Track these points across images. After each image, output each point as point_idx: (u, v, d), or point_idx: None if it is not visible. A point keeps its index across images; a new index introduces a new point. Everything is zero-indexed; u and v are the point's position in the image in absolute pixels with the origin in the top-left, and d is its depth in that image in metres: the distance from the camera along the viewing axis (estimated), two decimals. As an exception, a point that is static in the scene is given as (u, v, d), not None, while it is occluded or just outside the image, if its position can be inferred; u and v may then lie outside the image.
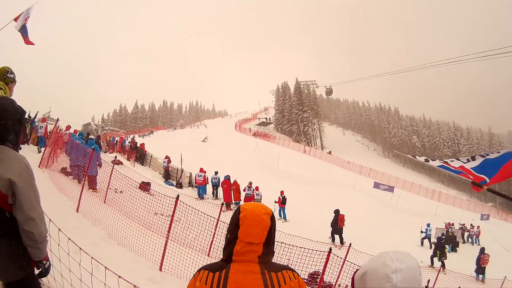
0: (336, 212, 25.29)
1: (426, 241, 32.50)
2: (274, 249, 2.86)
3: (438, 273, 18.52)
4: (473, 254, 27.24)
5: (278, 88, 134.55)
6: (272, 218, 2.75)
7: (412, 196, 68.23)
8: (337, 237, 24.91)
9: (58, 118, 19.07)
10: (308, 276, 13.23)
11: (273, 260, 2.80)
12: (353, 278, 2.41)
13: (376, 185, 64.13)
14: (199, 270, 2.74)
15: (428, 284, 13.59)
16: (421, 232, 32.99)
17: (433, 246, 28.18)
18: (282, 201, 28.75)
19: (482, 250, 25.47)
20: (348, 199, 42.70)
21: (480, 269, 24.21)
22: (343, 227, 24.96)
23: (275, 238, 2.86)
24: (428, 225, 33.22)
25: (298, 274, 2.78)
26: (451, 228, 38.53)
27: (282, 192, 29.37)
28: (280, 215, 28.44)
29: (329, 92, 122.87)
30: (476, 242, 40.08)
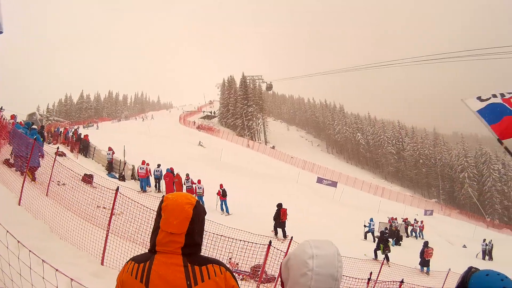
0: (279, 206, 25.14)
1: (369, 235, 32.78)
2: (202, 242, 2.80)
3: (382, 266, 18.58)
4: (417, 247, 27.60)
5: (224, 82, 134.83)
6: (196, 208, 2.66)
7: (356, 192, 69.31)
8: (280, 230, 24.78)
9: (1, 107, 18.32)
10: (250, 270, 13.39)
11: (211, 253, 2.43)
12: (281, 266, 2.45)
13: (320, 180, 63.72)
14: (127, 261, 2.71)
15: (370, 276, 12.92)
16: (364, 226, 33.24)
17: (376, 239, 28.34)
18: (223, 194, 28.54)
19: (426, 244, 25.85)
20: (291, 194, 43.23)
21: (425, 262, 24.53)
22: (286, 220, 24.79)
23: (204, 229, 2.86)
24: (371, 219, 33.49)
25: (227, 268, 2.75)
26: (394, 222, 39.39)
27: (221, 185, 29.12)
28: (222, 208, 28.32)
29: (269, 87, 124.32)
30: (420, 236, 41.25)
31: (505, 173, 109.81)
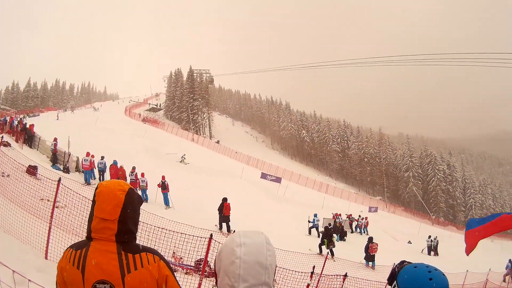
0: (224, 200, 25.02)
1: (314, 230, 33.03)
2: (136, 230, 2.77)
3: (325, 260, 18.37)
4: (361, 243, 28.28)
5: (171, 74, 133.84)
6: (129, 195, 2.64)
7: (300, 188, 69.72)
8: (224, 225, 24.71)
9: None
10: (194, 264, 13.31)
11: (154, 247, 2.69)
12: (215, 258, 2.43)
13: (264, 176, 64.13)
14: (67, 248, 2.70)
15: (313, 269, 13.58)
16: (309, 222, 33.58)
17: (321, 235, 28.16)
18: (163, 186, 28.09)
19: (371, 239, 26.25)
20: (236, 188, 43.21)
21: (369, 257, 24.94)
22: (229, 215, 24.73)
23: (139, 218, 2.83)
24: (315, 215, 34.08)
25: (161, 257, 2.70)
26: (339, 218, 39.32)
27: (163, 177, 28.68)
28: (165, 202, 27.82)
29: (210, 81, 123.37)
30: (364, 232, 41.94)
31: (450, 174, 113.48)
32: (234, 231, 18.71)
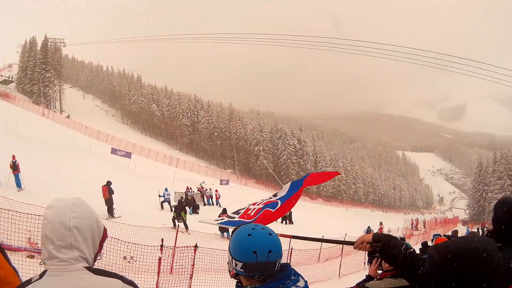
0: (108, 183, 25.19)
1: (166, 204, 32.95)
2: None
3: (177, 233, 18.50)
4: (215, 215, 27.11)
5: (26, 43, 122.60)
6: None
7: (150, 162, 70.39)
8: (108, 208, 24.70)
9: None
10: None
11: (7, 233, 2.45)
12: None
13: (114, 151, 63.70)
14: None
15: (162, 242, 13.61)
16: (159, 196, 33.47)
17: (173, 209, 28.06)
18: (14, 167, 25.35)
19: (224, 210, 27.29)
20: (85, 165, 41.76)
21: (223, 229, 24.98)
22: (108, 198, 24.64)
23: None
24: (166, 189, 34.10)
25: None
26: (190, 191, 39.45)
27: (14, 157, 25.94)
28: (17, 184, 25.06)
29: (57, 49, 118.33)
30: (217, 204, 42.66)
31: (300, 148, 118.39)
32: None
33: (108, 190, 24.63)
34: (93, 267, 2.22)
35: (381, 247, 3.10)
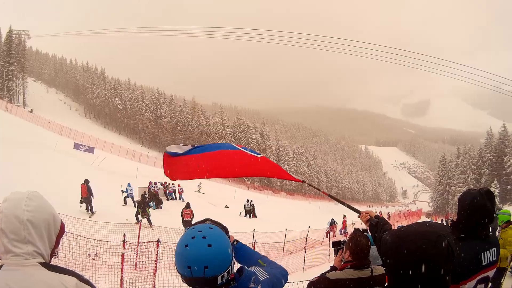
0: (86, 181, 25.52)
1: (129, 200, 32.81)
2: None
3: (140, 228, 19.09)
4: (178, 210, 28.90)
5: None
6: None
7: (113, 157, 69.14)
8: (88, 206, 25.20)
9: None
10: None
11: None
12: None
13: (77, 146, 63.72)
14: None
15: (124, 238, 13.54)
16: (122, 191, 33.23)
17: (136, 204, 28.41)
18: None
19: (187, 205, 27.61)
20: (49, 161, 40.64)
21: (185, 222, 25.83)
22: (86, 196, 25.02)
23: None
24: (129, 184, 33.80)
25: None
26: (153, 186, 39.72)
27: None
28: None
29: (21, 41, 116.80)
30: (180, 199, 42.17)
31: (263, 142, 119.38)
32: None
33: (87, 188, 24.95)
34: (51, 263, 2.24)
35: (375, 224, 3.64)
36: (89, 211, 24.57)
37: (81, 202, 24.64)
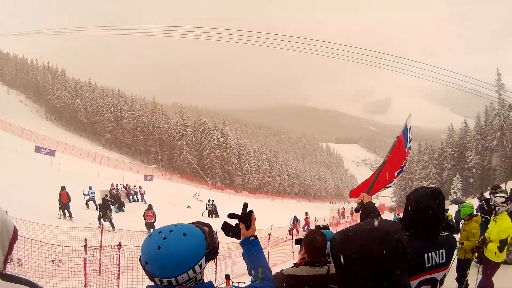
0: (62, 188, 25.87)
1: (91, 203, 32.62)
2: None
3: (102, 232, 19.08)
4: (141, 212, 28.37)
5: None
6: None
7: (75, 160, 68.67)
8: (66, 212, 25.69)
9: None
10: None
11: None
12: None
13: (38, 149, 62.53)
14: None
15: (86, 242, 13.51)
16: (84, 195, 32.91)
17: (98, 207, 28.21)
18: None
19: (150, 207, 27.57)
20: (8, 164, 40.86)
21: (148, 224, 25.80)
22: (67, 202, 25.56)
23: None
24: (90, 187, 33.66)
25: None
26: (115, 189, 39.44)
27: None
28: None
29: None
30: (142, 201, 42.32)
31: (224, 142, 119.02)
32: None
33: (67, 194, 25.40)
34: (4, 271, 2.05)
35: (363, 205, 3.83)
36: (69, 216, 25.15)
37: (60, 208, 25.01)
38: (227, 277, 6.11)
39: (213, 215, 43.15)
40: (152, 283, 2.24)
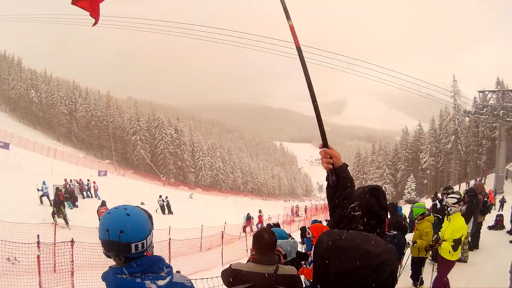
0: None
1: (45, 199, 31.55)
2: None
3: (55, 228, 19.32)
4: (94, 208, 28.52)
5: None
6: None
7: (29, 154, 67.18)
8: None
9: None
10: None
11: None
12: None
13: None
14: None
15: (38, 238, 13.36)
16: (38, 190, 31.94)
17: (52, 203, 27.89)
18: None
19: (103, 203, 28.04)
20: None
21: None
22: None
23: None
24: (44, 182, 32.59)
25: None
26: (69, 184, 38.95)
27: None
28: None
29: None
30: (96, 197, 42.02)
31: (177, 138, 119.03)
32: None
33: (62, 194, 25.83)
34: None
35: (335, 172, 2.95)
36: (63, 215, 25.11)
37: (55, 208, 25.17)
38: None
39: (167, 212, 43.38)
40: (117, 264, 2.44)
